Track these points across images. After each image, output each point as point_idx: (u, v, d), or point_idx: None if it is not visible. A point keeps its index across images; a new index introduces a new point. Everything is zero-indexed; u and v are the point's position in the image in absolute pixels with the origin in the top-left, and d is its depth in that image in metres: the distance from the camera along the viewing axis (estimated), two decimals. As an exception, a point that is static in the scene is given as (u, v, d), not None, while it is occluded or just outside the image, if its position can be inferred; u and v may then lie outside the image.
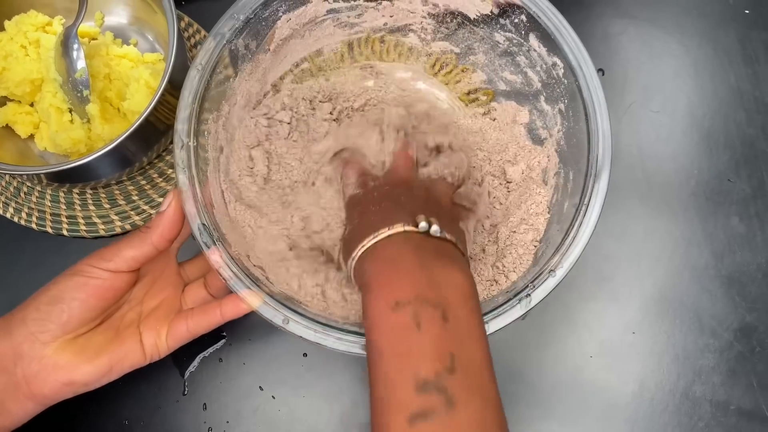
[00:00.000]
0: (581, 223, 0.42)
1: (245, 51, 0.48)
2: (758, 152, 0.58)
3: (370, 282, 0.35)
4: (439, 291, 0.33)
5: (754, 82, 0.59)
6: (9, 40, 0.53)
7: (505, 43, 0.51)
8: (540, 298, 0.40)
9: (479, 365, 0.32)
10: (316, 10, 0.50)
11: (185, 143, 0.42)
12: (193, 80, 0.43)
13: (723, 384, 0.53)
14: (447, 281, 0.34)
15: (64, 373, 0.39)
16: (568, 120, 0.47)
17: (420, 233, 0.36)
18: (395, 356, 0.32)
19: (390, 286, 0.33)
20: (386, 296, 0.33)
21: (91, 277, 0.40)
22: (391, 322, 0.32)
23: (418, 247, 0.35)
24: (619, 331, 0.54)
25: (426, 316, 0.32)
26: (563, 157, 0.48)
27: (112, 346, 0.41)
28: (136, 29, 0.58)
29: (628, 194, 0.56)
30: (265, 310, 0.40)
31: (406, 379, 0.30)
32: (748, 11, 0.61)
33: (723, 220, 0.56)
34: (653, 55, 0.60)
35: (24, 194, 0.55)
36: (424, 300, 0.32)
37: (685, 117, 0.59)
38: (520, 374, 0.53)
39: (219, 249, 0.40)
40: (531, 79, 0.50)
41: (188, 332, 0.43)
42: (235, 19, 0.45)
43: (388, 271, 0.34)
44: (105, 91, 0.54)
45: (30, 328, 0.39)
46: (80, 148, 0.53)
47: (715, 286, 0.55)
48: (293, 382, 0.52)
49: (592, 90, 0.44)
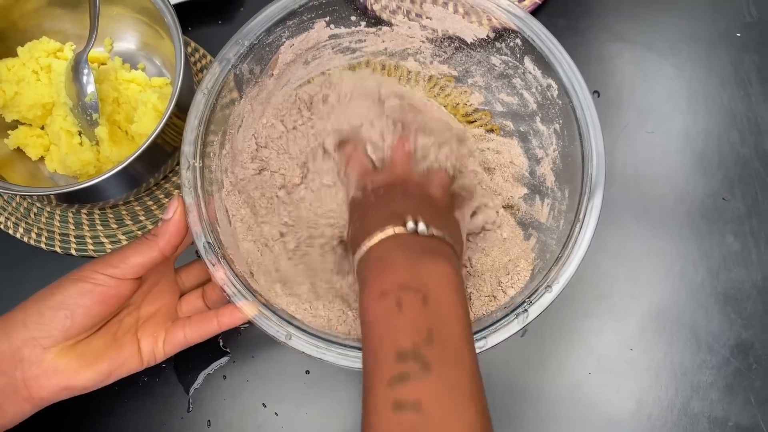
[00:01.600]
0: (577, 239, 0.43)
1: (250, 75, 0.49)
2: (752, 171, 0.59)
3: (363, 280, 0.38)
4: (422, 280, 0.36)
5: (747, 103, 0.61)
6: (21, 66, 0.55)
7: (501, 66, 0.52)
8: (537, 313, 0.41)
9: (457, 339, 0.35)
10: (319, 35, 0.52)
11: (191, 164, 0.43)
12: (199, 103, 0.45)
13: (720, 400, 0.53)
14: (431, 272, 0.37)
15: (64, 378, 0.40)
16: (563, 139, 0.48)
17: (408, 233, 0.39)
18: (379, 334, 0.35)
19: (378, 279, 0.37)
20: (374, 288, 0.37)
21: (97, 284, 0.40)
22: (378, 309, 0.36)
23: (405, 245, 0.38)
24: (617, 348, 0.54)
25: (407, 299, 0.35)
26: (558, 176, 0.49)
27: (111, 351, 0.42)
28: (144, 54, 0.60)
29: (625, 213, 0.57)
30: (267, 326, 0.41)
31: (387, 351, 0.34)
32: (739, 35, 0.63)
33: (718, 237, 0.57)
34: (647, 78, 0.61)
35: (34, 215, 0.56)
36: (406, 287, 0.36)
37: (680, 137, 0.60)
38: (520, 390, 0.53)
39: (224, 267, 0.41)
40: (527, 101, 0.52)
41: (185, 340, 0.44)
42: (240, 45, 0.47)
43: (377, 268, 0.38)
44: (114, 114, 0.55)
45: (31, 332, 0.39)
46: (89, 169, 0.54)
47: (711, 303, 0.56)
48: (296, 398, 0.53)
49: (586, 110, 0.46)
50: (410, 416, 0.31)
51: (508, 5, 0.48)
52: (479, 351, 0.40)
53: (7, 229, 0.56)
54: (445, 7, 0.51)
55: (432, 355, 0.33)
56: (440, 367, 0.33)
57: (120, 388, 0.53)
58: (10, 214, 0.56)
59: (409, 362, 0.33)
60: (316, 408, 0.53)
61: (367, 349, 0.36)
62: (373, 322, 0.36)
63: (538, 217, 0.50)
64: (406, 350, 0.33)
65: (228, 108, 0.48)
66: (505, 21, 0.48)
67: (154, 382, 0.53)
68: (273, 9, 0.48)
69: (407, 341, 0.34)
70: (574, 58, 0.47)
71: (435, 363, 0.33)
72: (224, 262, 0.41)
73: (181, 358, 0.53)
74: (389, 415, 0.32)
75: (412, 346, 0.33)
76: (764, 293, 0.56)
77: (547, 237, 0.48)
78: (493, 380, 0.54)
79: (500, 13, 0.48)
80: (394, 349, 0.34)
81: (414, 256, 0.37)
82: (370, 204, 0.42)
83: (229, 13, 0.63)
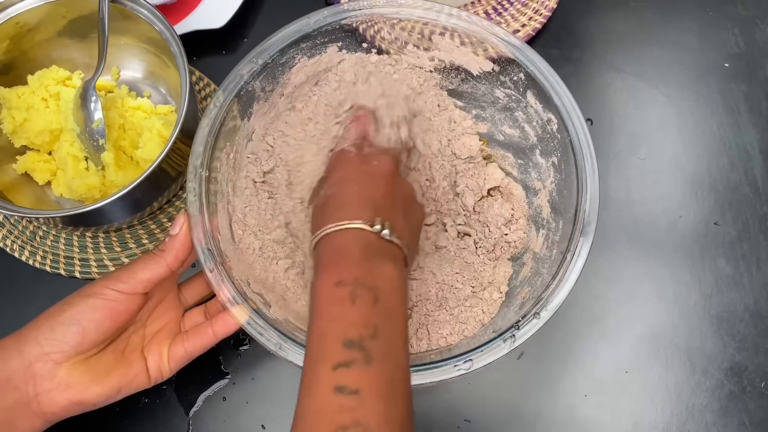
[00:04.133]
0: (567, 269, 0.44)
1: (261, 93, 0.51)
2: (742, 197, 0.60)
3: (322, 263, 0.40)
4: (375, 280, 0.39)
5: (736, 130, 0.62)
6: (31, 93, 0.56)
7: (504, 99, 0.54)
8: (524, 338, 0.43)
9: (396, 340, 0.38)
10: (330, 59, 0.54)
11: (198, 173, 0.45)
12: (210, 115, 0.47)
13: (716, 423, 0.54)
14: (383, 273, 0.40)
15: (75, 393, 0.41)
16: (560, 172, 0.50)
17: (373, 233, 0.41)
18: (331, 319, 0.37)
19: (337, 268, 0.39)
20: (332, 276, 0.39)
21: (107, 299, 0.42)
22: (332, 295, 0.38)
23: (366, 244, 0.41)
24: (612, 370, 0.55)
25: (361, 295, 0.38)
26: (554, 207, 0.51)
27: (121, 368, 0.43)
28: (149, 83, 0.62)
29: (618, 237, 0.59)
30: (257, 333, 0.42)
31: (336, 336, 0.36)
32: (727, 65, 0.65)
33: (710, 261, 0.58)
34: (639, 106, 0.63)
35: (39, 238, 0.57)
36: (361, 284, 0.38)
37: (671, 163, 0.61)
38: (517, 412, 0.54)
39: (221, 273, 0.43)
40: (528, 134, 0.53)
41: (186, 354, 0.45)
42: (254, 63, 0.49)
43: (337, 257, 0.40)
44: (119, 140, 0.57)
45: (43, 347, 0.40)
46: (95, 194, 0.55)
47: (704, 325, 0.56)
48: (295, 420, 0.54)
49: (583, 145, 0.47)
50: (349, 400, 0.34)
51: (505, 35, 0.50)
52: (465, 372, 0.41)
53: (13, 251, 0.57)
54: (451, 39, 0.53)
55: (375, 349, 0.36)
56: (381, 362, 0.36)
57: (121, 410, 0.53)
58: (16, 237, 0.57)
59: (354, 351, 0.35)
60: (315, 430, 0.53)
61: (316, 329, 0.38)
62: (325, 307, 0.38)
63: (532, 246, 0.51)
64: (354, 340, 0.36)
65: (237, 122, 0.50)
66: (501, 50, 0.50)
67: (155, 404, 0.54)
68: (288, 31, 0.50)
69: (355, 332, 0.36)
70: (568, 87, 0.48)
71: (377, 357, 0.36)
72: (221, 268, 0.43)
73: (181, 379, 0.54)
74: (330, 395, 0.34)
75: (359, 338, 0.36)
76: (756, 316, 0.57)
77: (540, 266, 0.49)
78: (490, 401, 0.54)
79: (497, 41, 0.50)
80: (342, 336, 0.36)
81: (371, 256, 0.40)
82: (353, 177, 0.45)
83: (234, 43, 0.65)
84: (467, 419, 0.54)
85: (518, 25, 0.63)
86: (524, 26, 0.62)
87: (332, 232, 0.41)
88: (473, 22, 0.50)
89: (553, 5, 0.63)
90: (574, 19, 0.66)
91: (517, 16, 0.63)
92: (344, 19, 0.51)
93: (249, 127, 0.52)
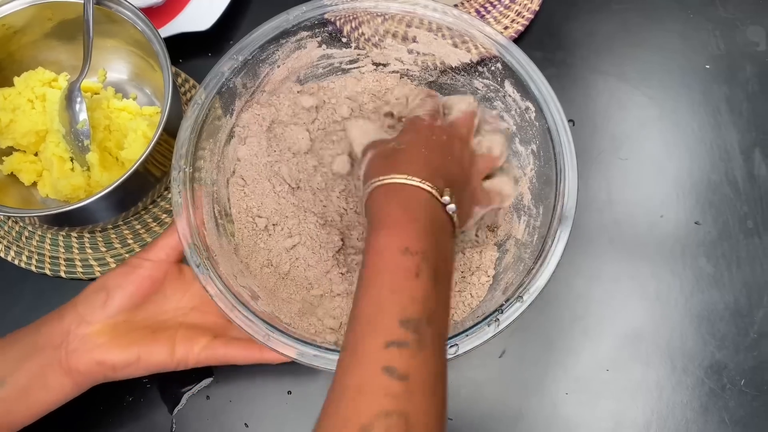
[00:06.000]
0: (548, 253, 0.45)
1: (242, 89, 0.52)
2: (722, 197, 0.61)
3: (388, 220, 0.39)
4: (438, 258, 0.37)
5: (717, 131, 0.63)
6: (17, 95, 0.57)
7: (483, 89, 0.55)
8: (508, 321, 0.43)
9: (445, 324, 0.38)
10: (311, 55, 0.54)
11: (182, 169, 0.46)
12: (193, 112, 0.48)
13: (696, 420, 0.54)
14: (443, 252, 0.39)
15: (98, 353, 0.44)
16: (539, 159, 0.51)
17: (440, 202, 0.40)
18: (392, 290, 0.36)
19: (406, 233, 0.37)
20: (399, 239, 0.37)
21: (134, 267, 0.46)
22: (397, 262, 0.36)
23: (435, 213, 0.39)
24: (593, 369, 0.55)
25: (425, 270, 0.36)
26: (534, 194, 0.51)
27: (146, 341, 0.45)
28: (135, 85, 0.63)
29: (599, 237, 0.59)
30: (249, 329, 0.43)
31: (394, 311, 0.35)
32: (708, 66, 0.65)
33: (691, 261, 0.59)
34: (621, 107, 0.64)
35: (25, 238, 0.58)
36: (426, 257, 0.37)
37: (652, 164, 0.62)
38: (499, 410, 0.54)
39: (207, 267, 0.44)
40: (507, 123, 0.54)
41: (223, 356, 0.46)
42: (235, 60, 0.50)
43: (406, 220, 0.38)
44: (105, 141, 0.57)
45: (79, 310, 0.45)
46: (80, 194, 0.56)
47: (685, 324, 0.57)
48: (278, 419, 0.54)
49: (561, 130, 0.48)
50: (396, 385, 0.33)
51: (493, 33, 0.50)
52: (451, 357, 0.41)
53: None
54: (431, 32, 0.53)
55: (429, 334, 0.35)
56: (432, 349, 0.35)
57: (105, 408, 0.54)
58: (2, 237, 0.58)
59: (410, 331, 0.34)
60: (298, 428, 0.54)
61: (371, 293, 0.36)
62: (388, 274, 0.36)
63: (515, 233, 0.52)
64: (411, 320, 0.34)
65: (220, 120, 0.50)
66: (488, 47, 0.51)
67: (139, 403, 0.54)
68: (267, 27, 0.51)
69: (414, 311, 0.35)
70: (551, 88, 0.49)
71: (429, 343, 0.35)
72: (208, 263, 0.44)
73: (165, 377, 0.54)
74: (376, 374, 0.33)
75: (417, 318, 0.35)
76: (736, 315, 0.57)
77: (522, 251, 0.50)
78: (472, 401, 0.54)
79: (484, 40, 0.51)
80: (400, 312, 0.35)
81: (436, 229, 0.39)
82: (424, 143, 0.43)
83: (219, 45, 0.66)
84: (450, 417, 0.54)
85: (501, 28, 0.63)
86: (507, 28, 0.63)
87: (400, 185, 0.39)
88: (454, 16, 0.51)
89: (535, 8, 0.64)
90: (556, 22, 0.66)
91: (500, 19, 0.64)
92: (324, 13, 0.52)
93: (231, 124, 0.53)
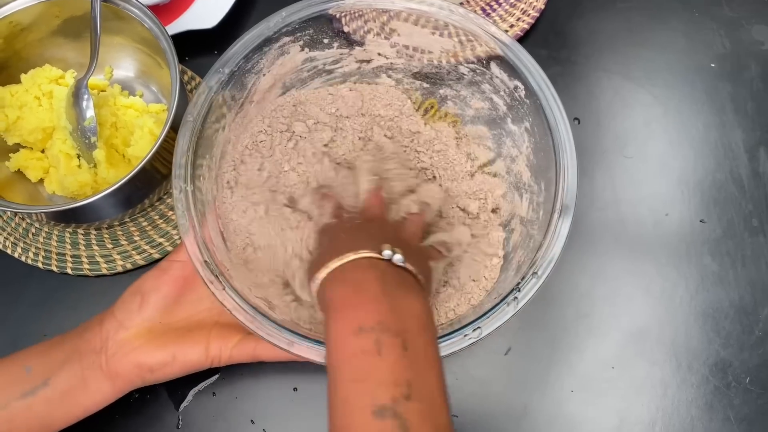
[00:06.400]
0: (557, 225, 0.45)
1: (232, 102, 0.52)
2: (727, 195, 0.61)
3: (334, 305, 0.36)
4: (401, 320, 0.34)
5: (721, 130, 0.63)
6: (24, 92, 0.57)
7: (469, 74, 0.54)
8: (526, 299, 0.43)
9: (433, 393, 0.33)
10: (294, 60, 0.54)
11: (183, 188, 0.46)
12: (187, 130, 0.47)
13: (701, 418, 0.54)
14: (407, 310, 0.35)
15: (136, 355, 0.45)
16: (534, 136, 0.51)
17: (384, 260, 0.37)
18: (355, 381, 0.32)
19: (354, 310, 0.34)
20: (350, 321, 0.34)
21: (166, 269, 0.47)
22: (353, 347, 0.33)
23: (381, 274, 0.36)
24: (598, 366, 0.56)
25: (387, 343, 0.32)
26: (534, 170, 0.52)
27: (180, 340, 0.46)
28: (142, 82, 0.63)
29: (604, 235, 0.59)
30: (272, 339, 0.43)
31: (364, 404, 0.31)
32: (713, 65, 0.65)
33: (696, 259, 0.59)
34: (625, 105, 0.64)
35: (32, 235, 0.58)
36: (386, 327, 0.33)
37: (657, 162, 0.62)
38: (504, 408, 0.54)
39: (222, 282, 0.43)
40: (497, 104, 0.54)
41: (254, 353, 0.46)
42: (221, 73, 0.49)
43: (352, 295, 0.35)
44: (111, 138, 0.57)
45: (117, 316, 0.46)
46: (86, 191, 0.56)
47: (690, 322, 0.57)
48: (284, 415, 0.54)
49: (552, 104, 0.48)
50: None
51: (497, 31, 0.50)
52: (475, 340, 0.41)
53: (6, 248, 0.58)
54: (405, 22, 0.53)
55: (410, 413, 0.31)
56: (419, 425, 0.30)
57: (112, 405, 0.54)
58: (9, 234, 0.58)
59: (387, 420, 0.30)
60: (304, 425, 0.54)
61: (338, 398, 0.32)
62: (346, 363, 0.33)
63: (518, 212, 0.52)
64: (386, 406, 0.31)
65: (213, 134, 0.50)
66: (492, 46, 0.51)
67: (145, 399, 0.54)
68: (249, 36, 0.50)
69: (386, 396, 0.31)
70: (555, 86, 0.49)
71: (413, 423, 0.30)
72: (222, 277, 0.43)
73: (171, 374, 0.54)
74: None
75: (392, 402, 0.31)
76: (741, 313, 0.57)
77: (529, 228, 0.50)
78: (477, 398, 0.55)
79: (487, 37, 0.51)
80: (370, 402, 0.31)
81: (390, 289, 0.35)
82: (344, 228, 0.43)
83: (225, 43, 0.64)
84: (455, 414, 0.54)
85: (506, 26, 0.63)
86: (512, 27, 0.63)
87: (338, 267, 0.37)
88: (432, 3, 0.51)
89: (541, 6, 0.64)
90: (561, 20, 0.67)
91: (505, 17, 0.64)
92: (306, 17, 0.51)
93: (224, 138, 0.52)
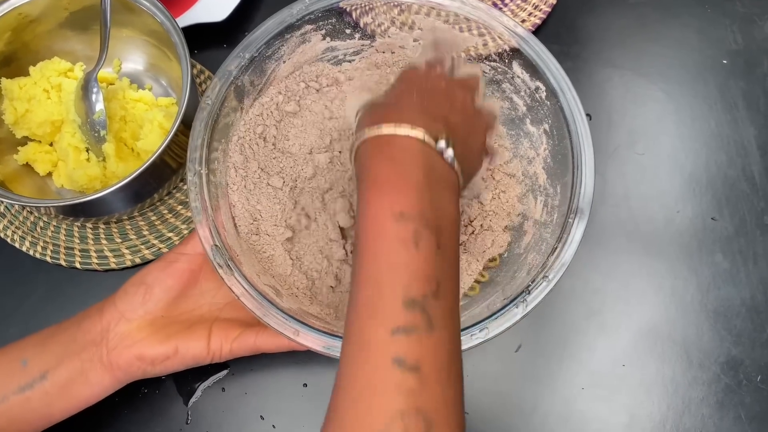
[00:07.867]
0: (571, 230, 0.45)
1: (250, 87, 0.51)
2: (739, 192, 0.60)
3: (377, 180, 0.34)
4: (438, 217, 0.33)
5: (734, 126, 0.63)
6: (33, 85, 0.56)
7: (491, 72, 0.54)
8: (535, 302, 0.43)
9: (455, 295, 0.33)
10: (315, 48, 0.54)
11: (197, 171, 0.46)
12: (203, 113, 0.47)
13: (712, 416, 0.54)
14: (444, 210, 0.34)
15: (137, 348, 0.44)
16: (552, 138, 0.51)
17: (435, 150, 0.35)
18: (389, 265, 0.32)
19: (397, 193, 0.33)
20: (392, 203, 0.33)
21: (171, 261, 0.47)
22: (393, 232, 0.32)
23: (430, 163, 0.34)
24: (609, 364, 0.55)
25: (425, 236, 0.32)
26: (550, 173, 0.51)
27: (182, 334, 0.46)
28: (151, 75, 0.62)
29: (616, 232, 0.59)
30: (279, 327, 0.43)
31: (396, 292, 0.31)
32: (725, 61, 0.65)
33: (707, 256, 0.58)
34: (637, 102, 0.64)
35: (40, 228, 0.58)
36: (425, 221, 0.32)
37: (669, 159, 0.62)
38: (515, 405, 0.54)
39: (231, 268, 0.43)
40: (517, 104, 0.54)
41: (254, 345, 0.46)
42: (241, 58, 0.49)
43: (397, 176, 0.34)
44: (120, 131, 0.57)
45: (118, 307, 0.45)
46: (95, 185, 0.56)
47: (701, 320, 0.57)
48: (293, 412, 0.54)
49: (573, 108, 0.48)
50: (408, 378, 0.29)
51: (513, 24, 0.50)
52: (482, 341, 0.41)
53: (14, 242, 0.57)
54: (435, 18, 0.53)
55: (437, 312, 0.31)
56: (442, 329, 0.31)
57: (120, 400, 0.54)
58: (17, 228, 0.58)
59: (416, 313, 0.30)
60: (314, 421, 0.53)
61: (369, 274, 0.32)
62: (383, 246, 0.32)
63: (532, 214, 0.52)
64: (416, 299, 0.31)
65: (230, 118, 0.50)
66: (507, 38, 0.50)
67: (154, 394, 0.54)
68: (272, 23, 0.50)
69: (418, 288, 0.31)
70: (567, 82, 0.49)
71: (438, 322, 0.31)
72: (232, 263, 0.43)
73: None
74: (386, 368, 0.30)
75: (422, 296, 0.31)
76: (753, 311, 0.57)
77: (542, 231, 0.49)
78: (487, 394, 0.54)
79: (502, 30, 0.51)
80: (403, 291, 0.31)
81: (433, 183, 0.34)
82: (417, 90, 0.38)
83: (235, 37, 0.65)
84: (465, 411, 0.54)
85: (518, 21, 0.63)
86: (524, 21, 0.63)
87: (388, 136, 0.34)
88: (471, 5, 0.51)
89: (552, 1, 0.64)
90: (573, 16, 0.66)
91: (516, 12, 0.63)
92: (328, 6, 0.51)
93: (241, 122, 0.52)
